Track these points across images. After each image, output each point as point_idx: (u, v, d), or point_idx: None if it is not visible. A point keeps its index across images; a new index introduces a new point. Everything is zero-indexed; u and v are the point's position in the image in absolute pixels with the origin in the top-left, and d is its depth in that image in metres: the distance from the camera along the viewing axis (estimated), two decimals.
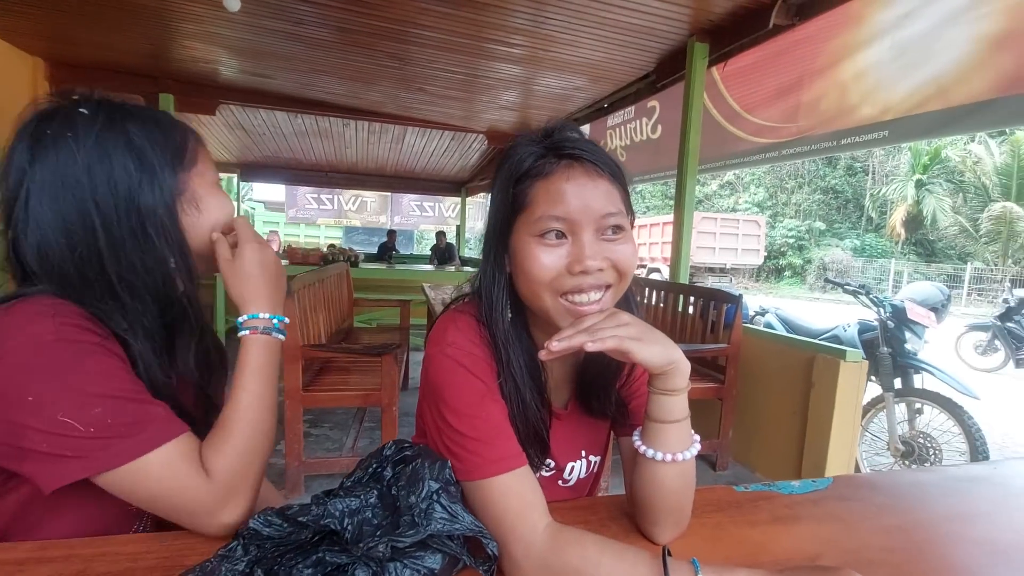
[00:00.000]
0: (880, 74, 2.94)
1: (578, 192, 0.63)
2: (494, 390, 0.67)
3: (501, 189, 0.69)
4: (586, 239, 0.63)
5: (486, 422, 0.64)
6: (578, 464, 0.81)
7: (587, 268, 0.62)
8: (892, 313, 2.95)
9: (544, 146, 0.67)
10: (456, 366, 0.66)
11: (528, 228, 0.65)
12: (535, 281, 0.64)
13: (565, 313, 0.65)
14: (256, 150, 8.87)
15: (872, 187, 22.47)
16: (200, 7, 3.68)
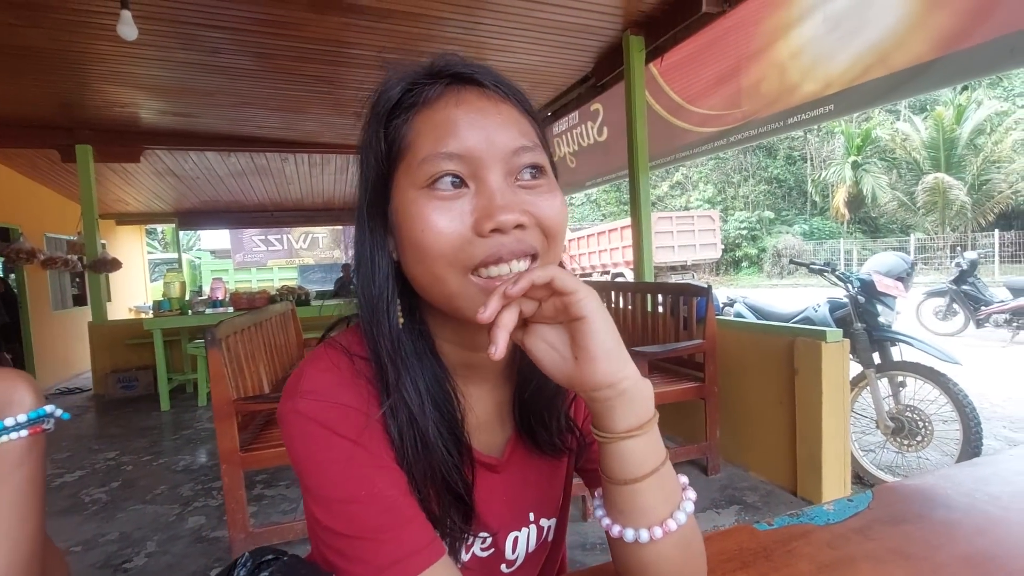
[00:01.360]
0: (817, 49, 2.92)
1: (475, 120, 0.44)
2: (381, 457, 0.45)
3: (368, 137, 0.48)
4: (494, 183, 0.43)
5: (367, 507, 0.42)
6: (524, 533, 0.57)
7: (502, 224, 0.42)
8: (861, 288, 2.88)
9: (422, 70, 0.47)
10: (312, 428, 0.44)
11: (410, 179, 0.44)
12: (430, 254, 0.43)
13: (479, 296, 0.43)
14: (192, 196, 8.45)
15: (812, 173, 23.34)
16: (103, 44, 3.41)
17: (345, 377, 0.46)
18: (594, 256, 15.84)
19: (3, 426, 0.43)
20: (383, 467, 0.44)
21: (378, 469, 0.44)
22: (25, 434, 0.44)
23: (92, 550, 2.27)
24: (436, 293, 0.45)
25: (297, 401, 0.45)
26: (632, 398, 0.44)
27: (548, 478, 0.58)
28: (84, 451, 3.67)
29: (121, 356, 5.59)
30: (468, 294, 0.44)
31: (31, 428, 0.44)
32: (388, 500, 0.43)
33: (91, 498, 2.83)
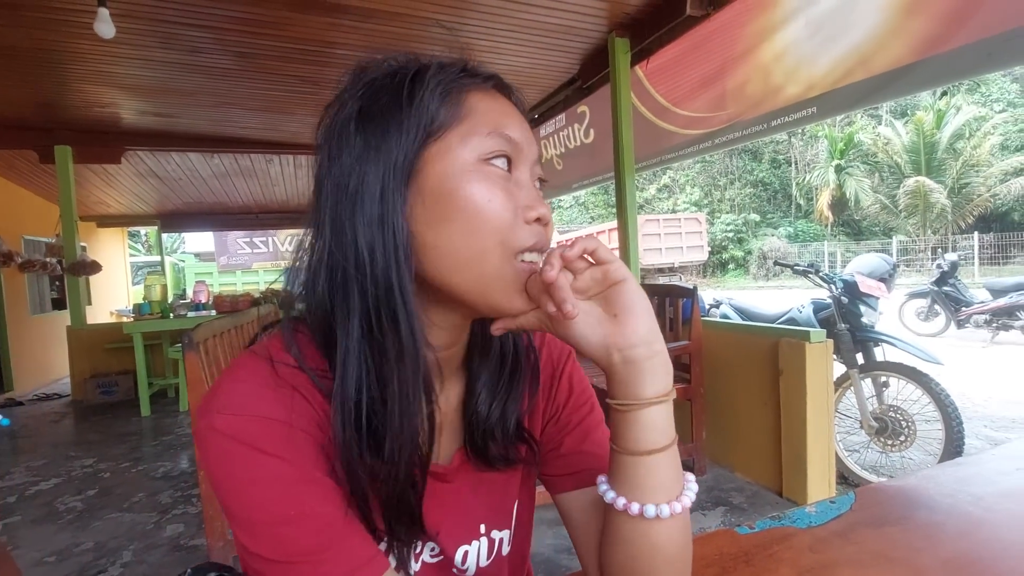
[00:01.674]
0: (800, 52, 2.94)
1: (521, 121, 0.47)
2: (307, 466, 0.40)
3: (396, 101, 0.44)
4: (531, 177, 0.47)
5: (298, 528, 0.38)
6: (475, 546, 0.54)
7: (544, 215, 0.45)
8: (844, 289, 2.91)
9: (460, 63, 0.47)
10: (231, 446, 0.39)
11: (471, 147, 0.43)
12: (489, 227, 0.42)
13: (515, 280, 0.43)
14: (175, 197, 8.33)
15: (796, 176, 23.65)
16: (82, 43, 3.35)
17: (265, 387, 0.42)
18: None
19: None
20: (313, 481, 0.40)
21: (308, 484, 0.40)
22: None
23: (66, 560, 2.21)
24: (471, 271, 0.43)
25: (213, 417, 0.40)
26: (664, 360, 0.45)
27: (500, 488, 0.56)
28: (60, 458, 3.58)
29: (101, 361, 5.48)
30: (506, 276, 0.43)
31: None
32: (322, 518, 0.39)
33: (66, 507, 2.76)
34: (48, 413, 5.07)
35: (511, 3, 3.00)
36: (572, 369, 0.60)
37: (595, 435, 0.58)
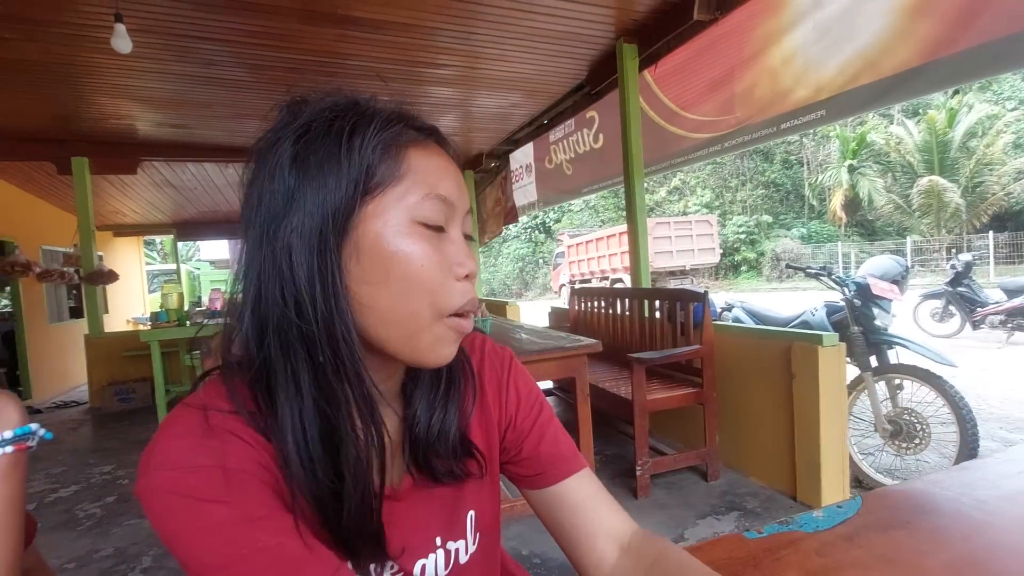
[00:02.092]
0: (808, 55, 2.94)
1: (456, 175, 0.49)
2: (252, 503, 0.41)
3: (330, 154, 0.43)
4: (460, 234, 0.49)
5: (251, 565, 0.39)
6: (432, 559, 0.55)
7: (472, 271, 0.48)
8: (857, 291, 2.89)
9: (398, 115, 0.48)
10: (173, 501, 0.39)
11: (405, 209, 0.45)
12: (420, 290, 0.45)
13: (444, 337, 0.47)
14: (190, 207, 8.47)
15: (809, 176, 23.44)
16: (99, 57, 3.43)
17: (197, 437, 0.42)
18: (593, 262, 15.87)
19: None
20: (259, 518, 0.40)
21: (253, 522, 0.40)
22: (11, 450, 0.45)
23: (86, 567, 2.25)
24: (399, 330, 0.45)
25: (152, 476, 0.40)
26: None
27: (452, 500, 0.57)
28: (79, 465, 3.65)
29: (118, 368, 5.58)
30: (433, 335, 0.46)
31: (16, 444, 0.45)
32: (274, 550, 0.40)
33: (85, 513, 2.82)
34: (66, 420, 5.17)
35: (518, 11, 3.03)
36: (516, 374, 0.63)
37: (549, 434, 0.61)
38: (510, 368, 0.63)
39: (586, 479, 0.59)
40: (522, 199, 6.37)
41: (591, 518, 0.56)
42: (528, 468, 0.60)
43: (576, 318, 3.95)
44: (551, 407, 0.64)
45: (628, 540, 0.55)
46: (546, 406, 0.63)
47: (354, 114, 0.46)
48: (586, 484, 0.59)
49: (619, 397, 2.64)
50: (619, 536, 0.55)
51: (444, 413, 0.54)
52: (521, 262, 26.77)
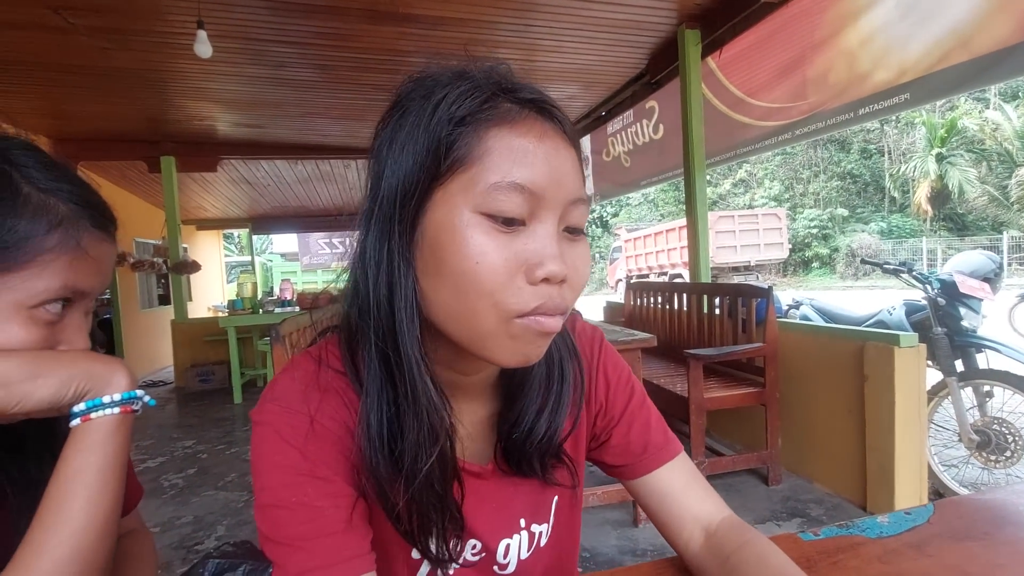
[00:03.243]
0: (890, 35, 2.73)
1: (551, 158, 0.41)
2: (319, 467, 0.44)
3: (415, 135, 0.42)
4: (550, 228, 0.41)
5: (292, 514, 0.42)
6: (516, 540, 0.56)
7: (553, 274, 0.40)
8: (942, 289, 2.67)
9: (492, 83, 0.43)
10: (266, 432, 0.45)
11: (469, 198, 0.40)
12: (478, 289, 0.40)
13: (513, 343, 0.42)
14: (263, 202, 8.97)
15: (890, 167, 21.81)
16: (183, 63, 3.68)
17: (305, 384, 0.46)
18: (651, 257, 15.51)
19: (101, 401, 0.48)
20: (320, 478, 0.44)
21: (313, 479, 0.44)
22: (117, 411, 0.49)
23: (168, 531, 2.46)
24: (464, 327, 0.42)
25: (262, 406, 0.46)
26: None
27: (539, 485, 0.57)
28: (165, 439, 3.97)
29: (200, 352, 6.01)
30: (499, 337, 0.42)
31: (123, 407, 0.49)
32: (314, 511, 0.43)
33: (170, 483, 3.07)
34: (155, 398, 5.59)
35: (577, 1, 2.99)
36: (606, 357, 0.60)
37: (639, 421, 0.59)
38: (600, 350, 0.60)
39: (677, 468, 0.57)
40: None
41: (680, 506, 0.56)
42: (616, 457, 0.59)
43: (631, 313, 3.88)
44: (643, 390, 0.61)
45: (716, 526, 0.54)
46: (637, 390, 0.60)
47: (447, 85, 0.42)
48: (677, 473, 0.57)
49: (674, 394, 2.58)
50: (707, 522, 0.54)
51: (542, 419, 0.52)
52: None
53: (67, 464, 0.46)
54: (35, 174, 0.49)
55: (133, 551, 0.69)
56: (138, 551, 0.70)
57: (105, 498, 0.47)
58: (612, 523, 2.28)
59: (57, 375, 0.46)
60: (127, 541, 0.69)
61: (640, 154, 5.06)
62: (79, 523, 0.45)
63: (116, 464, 0.48)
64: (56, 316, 0.49)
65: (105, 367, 0.49)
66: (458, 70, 0.44)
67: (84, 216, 0.51)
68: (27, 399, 0.45)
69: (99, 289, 0.54)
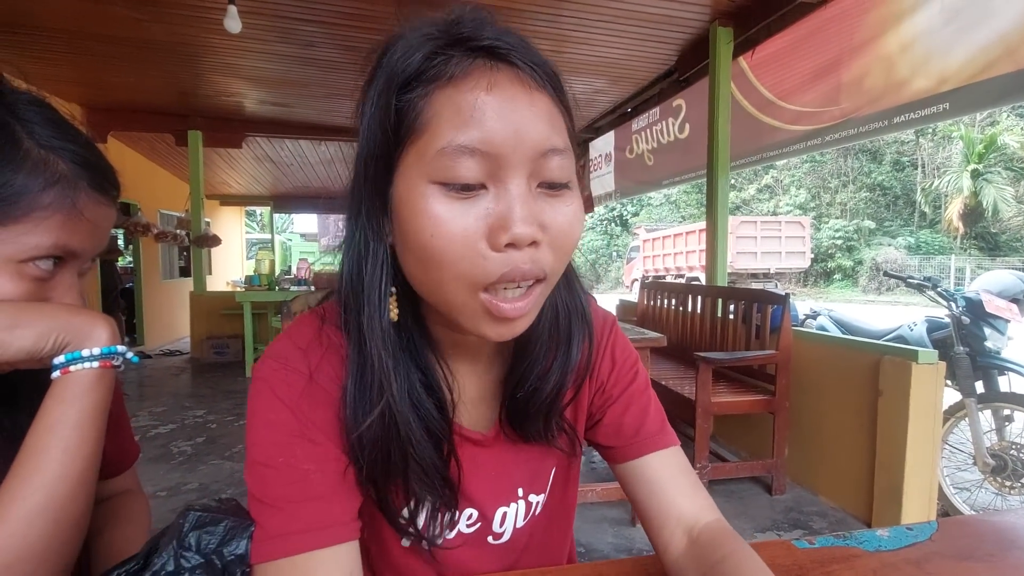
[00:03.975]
0: (932, 42, 2.64)
1: (505, 110, 0.38)
2: (310, 429, 0.44)
3: (375, 102, 0.41)
4: (516, 188, 0.38)
5: (278, 474, 0.42)
6: (513, 509, 0.55)
7: (517, 238, 0.37)
8: (966, 307, 2.59)
9: (446, 35, 0.40)
10: (261, 388, 0.44)
11: (422, 166, 0.38)
12: (438, 262, 0.39)
13: (483, 314, 0.40)
14: (286, 181, 9.06)
15: (923, 181, 21.24)
16: (214, 38, 3.72)
17: (304, 342, 0.46)
18: (668, 258, 15.36)
19: (79, 355, 0.48)
20: (310, 440, 0.43)
21: (302, 440, 0.43)
22: (96, 366, 0.48)
23: (175, 496, 2.51)
24: (436, 300, 0.42)
25: (262, 362, 0.46)
26: None
27: (538, 456, 0.56)
28: (178, 407, 4.05)
29: (216, 324, 6.11)
30: (472, 310, 0.41)
31: (102, 362, 0.49)
32: (299, 472, 0.42)
33: (179, 450, 3.13)
34: (170, 367, 5.75)
35: None
36: (615, 340, 0.59)
37: (637, 405, 0.57)
38: (611, 333, 0.59)
39: (669, 458, 0.55)
40: (598, 189, 6.26)
41: (664, 500, 0.52)
42: (608, 438, 0.57)
43: (644, 312, 3.84)
44: (647, 378, 0.60)
45: (699, 531, 0.50)
46: (641, 376, 0.59)
47: (393, 54, 0.40)
48: (668, 463, 0.54)
49: (681, 396, 2.55)
50: (690, 525, 0.51)
51: (548, 381, 0.51)
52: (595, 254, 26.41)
53: (45, 415, 0.46)
54: (38, 130, 0.49)
55: (126, 510, 0.69)
56: (131, 511, 0.70)
57: (82, 451, 0.47)
58: (610, 521, 2.26)
59: (36, 326, 0.46)
60: (121, 500, 0.70)
61: (664, 153, 4.99)
62: (53, 473, 0.45)
63: (94, 418, 0.48)
64: (46, 273, 0.49)
65: (85, 321, 0.49)
66: (419, 24, 0.42)
67: (83, 176, 0.51)
68: (5, 348, 0.45)
69: (92, 251, 0.54)
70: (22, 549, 0.42)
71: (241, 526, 0.43)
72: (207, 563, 0.40)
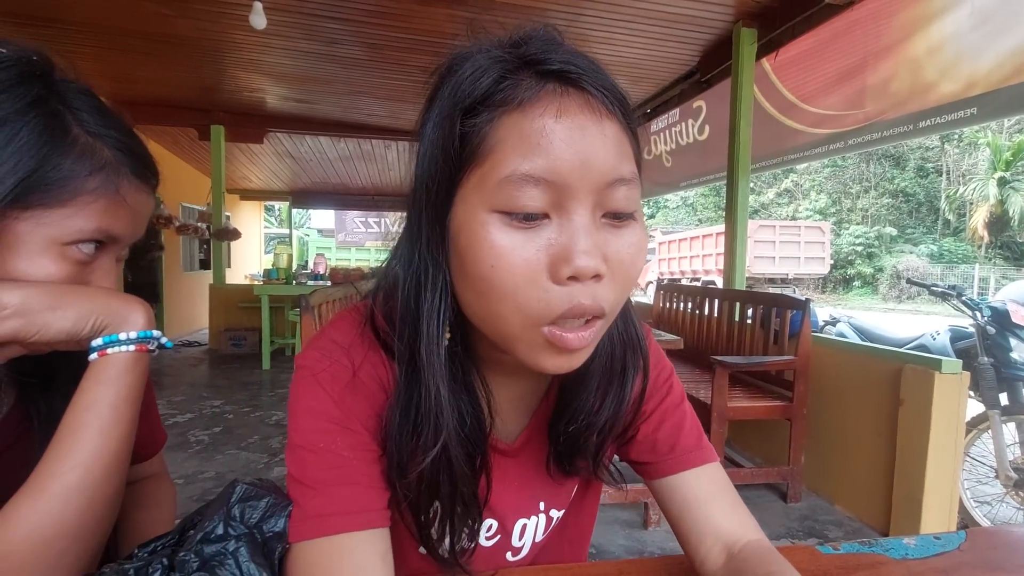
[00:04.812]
0: (960, 45, 2.59)
1: (574, 138, 0.36)
2: (351, 420, 0.44)
3: (437, 124, 0.40)
4: (580, 219, 0.37)
5: (319, 458, 0.43)
6: (533, 521, 0.55)
7: (580, 271, 0.36)
8: (992, 317, 2.53)
9: (515, 57, 0.39)
10: (305, 376, 0.45)
11: (484, 195, 0.37)
12: (498, 294, 0.38)
13: (546, 349, 0.39)
14: (305, 177, 9.15)
15: (947, 188, 20.82)
16: (239, 33, 3.76)
17: (350, 336, 0.47)
18: (684, 261, 15.24)
19: (116, 338, 0.49)
20: (350, 429, 0.44)
21: (343, 429, 0.44)
22: (132, 349, 0.50)
23: (191, 484, 2.55)
24: (492, 331, 0.41)
25: (306, 352, 0.47)
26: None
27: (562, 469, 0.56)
28: (196, 397, 4.12)
29: (234, 317, 6.20)
30: (532, 342, 0.39)
31: (138, 345, 0.50)
32: (340, 459, 0.43)
33: (196, 439, 3.18)
34: (189, 357, 5.84)
35: None
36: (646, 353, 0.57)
37: (671, 421, 0.55)
38: None
39: (705, 476, 0.53)
40: None
41: (700, 518, 0.51)
42: (641, 454, 0.55)
43: (659, 315, 3.82)
44: (682, 392, 0.58)
45: (740, 548, 0.48)
46: (676, 390, 0.57)
47: (459, 75, 0.39)
48: (705, 481, 0.53)
49: (697, 400, 2.53)
50: (730, 541, 0.49)
51: (597, 419, 0.49)
52: None
53: (82, 396, 0.48)
54: (86, 117, 0.50)
55: (154, 495, 0.71)
56: (158, 496, 0.71)
57: (117, 431, 0.48)
58: (622, 523, 2.26)
59: (76, 308, 0.47)
60: (149, 484, 0.71)
61: (683, 154, 4.96)
62: (89, 453, 0.46)
63: (129, 400, 0.49)
64: (88, 257, 0.50)
65: (123, 304, 0.50)
66: (486, 43, 0.41)
67: (126, 163, 0.52)
68: (46, 329, 0.46)
69: (131, 237, 0.55)
70: (59, 525, 0.44)
71: (280, 504, 0.44)
72: (249, 534, 0.41)
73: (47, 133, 0.47)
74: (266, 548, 0.41)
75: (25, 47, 0.49)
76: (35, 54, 0.49)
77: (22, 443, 0.55)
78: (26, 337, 0.46)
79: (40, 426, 0.54)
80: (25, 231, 0.47)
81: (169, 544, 0.43)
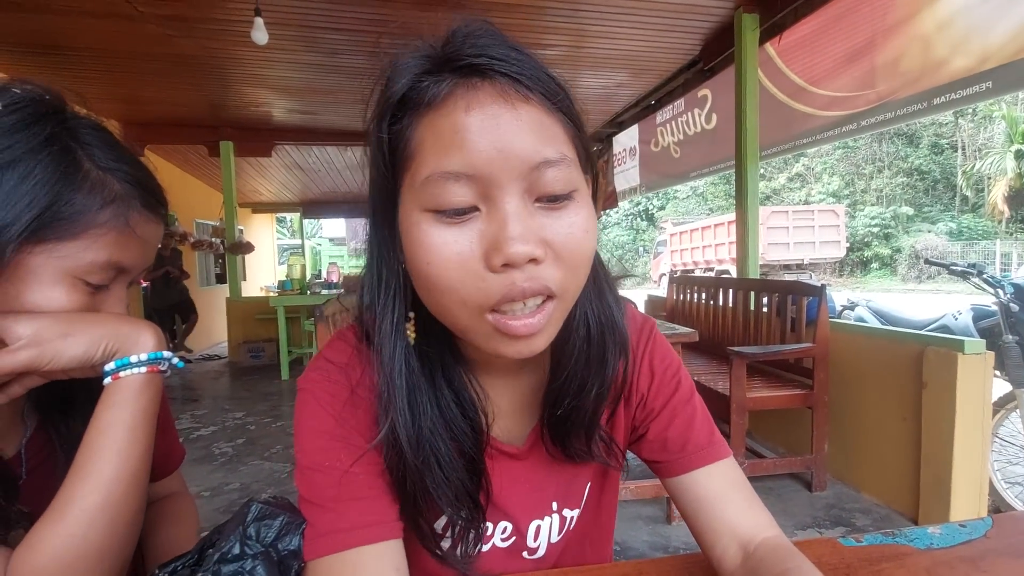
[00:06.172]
0: (971, 19, 2.54)
1: (487, 128, 0.36)
2: (353, 435, 0.46)
3: (372, 132, 0.42)
4: (508, 206, 0.37)
5: (326, 476, 0.44)
6: (547, 522, 0.55)
7: (511, 258, 0.36)
8: (1015, 294, 2.47)
9: (433, 57, 0.40)
10: (306, 398, 0.48)
11: (414, 197, 0.39)
12: (438, 288, 0.39)
13: (497, 336, 0.40)
14: (314, 187, 9.24)
15: (963, 163, 20.37)
16: (241, 50, 3.81)
17: (346, 355, 0.49)
18: (696, 252, 15.12)
19: (128, 361, 0.51)
20: (353, 445, 0.45)
21: (347, 445, 0.45)
22: (144, 371, 0.51)
23: (217, 496, 2.59)
24: (448, 322, 0.42)
25: (307, 374, 0.49)
26: None
27: (573, 468, 0.56)
28: (218, 410, 4.18)
29: (252, 329, 6.28)
30: (483, 331, 0.40)
31: (150, 367, 0.51)
32: (346, 475, 0.44)
33: (220, 451, 3.23)
34: (209, 371, 5.93)
35: None
36: (654, 347, 0.57)
37: (681, 417, 0.55)
38: (648, 341, 0.57)
39: (719, 472, 0.52)
40: (623, 184, 6.20)
41: (715, 516, 0.50)
42: (653, 453, 0.55)
43: (673, 307, 3.79)
44: (691, 386, 0.57)
45: (756, 546, 0.48)
46: (684, 385, 0.57)
47: (384, 82, 0.41)
48: (718, 478, 0.52)
49: (715, 392, 2.50)
50: (746, 539, 0.49)
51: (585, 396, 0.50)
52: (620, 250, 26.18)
53: (99, 420, 0.49)
54: (97, 152, 0.52)
55: (175, 512, 0.72)
56: (179, 513, 0.72)
57: (134, 451, 0.49)
58: (644, 518, 2.25)
59: (87, 334, 0.49)
60: (169, 503, 0.72)
61: (690, 144, 4.92)
62: (109, 474, 0.47)
63: (144, 420, 0.51)
64: (99, 286, 0.52)
65: (133, 328, 0.52)
66: (414, 47, 0.41)
67: (135, 196, 0.54)
68: (59, 357, 0.47)
69: (141, 266, 0.56)
70: (81, 548, 0.45)
71: (295, 523, 0.45)
72: (265, 553, 0.42)
73: (60, 170, 0.48)
74: (282, 566, 0.42)
75: (39, 86, 0.51)
76: (47, 93, 0.51)
77: (48, 464, 0.56)
78: (41, 365, 0.47)
79: (63, 448, 0.56)
80: (38, 264, 0.48)
81: (188, 564, 0.44)
